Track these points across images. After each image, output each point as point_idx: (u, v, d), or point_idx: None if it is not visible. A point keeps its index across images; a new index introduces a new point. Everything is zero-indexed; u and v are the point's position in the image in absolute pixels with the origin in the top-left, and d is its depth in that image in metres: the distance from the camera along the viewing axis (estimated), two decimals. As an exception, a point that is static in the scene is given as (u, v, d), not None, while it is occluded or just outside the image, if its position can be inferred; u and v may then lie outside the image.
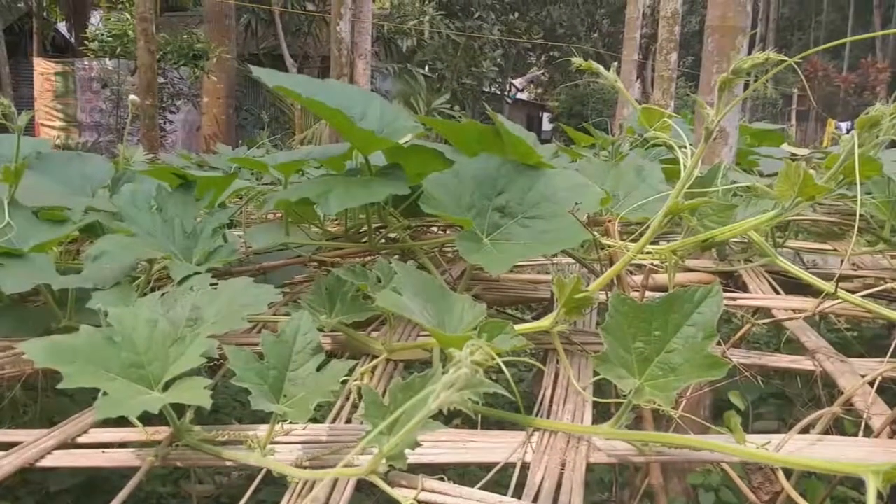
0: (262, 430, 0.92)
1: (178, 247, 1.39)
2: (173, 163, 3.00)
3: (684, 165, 0.93)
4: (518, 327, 1.03)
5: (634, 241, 1.51)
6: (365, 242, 1.58)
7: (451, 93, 14.38)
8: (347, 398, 1.04)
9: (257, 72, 1.45)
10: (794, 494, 0.82)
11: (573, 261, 1.44)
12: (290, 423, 0.88)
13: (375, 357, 1.17)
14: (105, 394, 0.84)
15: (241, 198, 2.35)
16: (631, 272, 1.39)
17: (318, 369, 0.89)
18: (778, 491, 0.99)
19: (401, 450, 0.68)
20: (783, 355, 1.26)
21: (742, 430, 0.81)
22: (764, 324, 1.20)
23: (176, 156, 3.54)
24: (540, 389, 1.10)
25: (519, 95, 22.85)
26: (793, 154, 3.26)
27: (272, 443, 0.91)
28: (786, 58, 0.84)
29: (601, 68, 1.35)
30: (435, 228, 1.76)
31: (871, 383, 1.06)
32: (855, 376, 1.13)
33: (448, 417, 0.84)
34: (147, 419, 0.91)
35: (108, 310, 0.97)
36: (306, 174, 2.36)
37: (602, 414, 1.03)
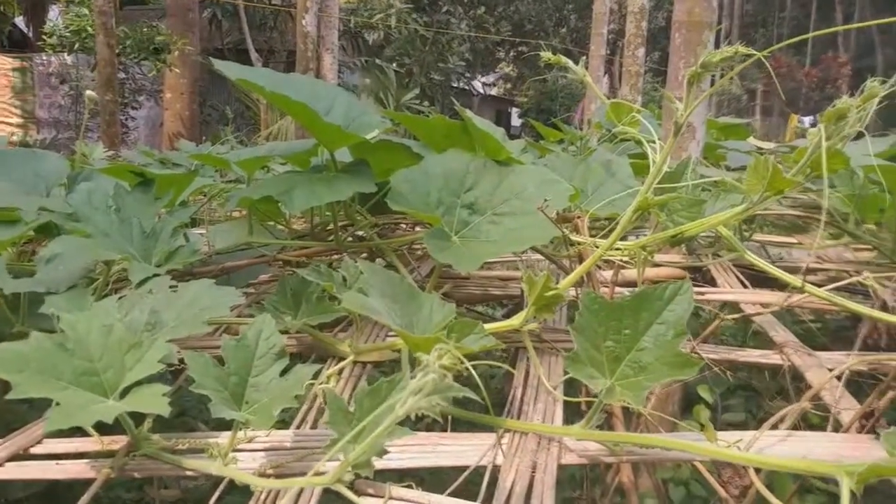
0: (225, 437, 0.89)
1: (137, 247, 1.34)
2: (134, 160, 2.93)
3: (653, 160, 0.92)
4: (488, 326, 1.01)
5: (604, 237, 1.50)
6: (331, 241, 1.54)
7: (419, 88, 14.30)
8: (313, 402, 1.02)
9: (219, 64, 1.41)
10: (764, 490, 0.82)
11: (543, 257, 1.43)
12: (254, 430, 0.85)
13: (342, 359, 1.15)
14: (57, 404, 0.80)
15: (203, 196, 2.30)
16: (601, 268, 1.38)
17: (282, 374, 0.87)
18: (747, 485, 0.99)
19: (367, 458, 0.66)
20: (752, 350, 1.27)
21: (712, 426, 0.81)
22: (733, 319, 1.20)
23: (137, 153, 3.45)
24: (511, 388, 1.08)
25: (488, 91, 22.86)
26: (759, 148, 3.30)
27: (235, 450, 0.88)
28: (754, 51, 0.84)
29: (570, 62, 1.34)
30: (403, 226, 1.74)
31: (839, 377, 1.06)
32: (822, 370, 1.13)
33: (418, 419, 0.82)
34: (106, 428, 0.88)
35: (61, 315, 0.92)
36: (272, 171, 2.32)
37: (574, 412, 1.02)
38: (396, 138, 1.61)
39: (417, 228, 1.71)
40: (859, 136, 1.01)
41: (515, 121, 24.69)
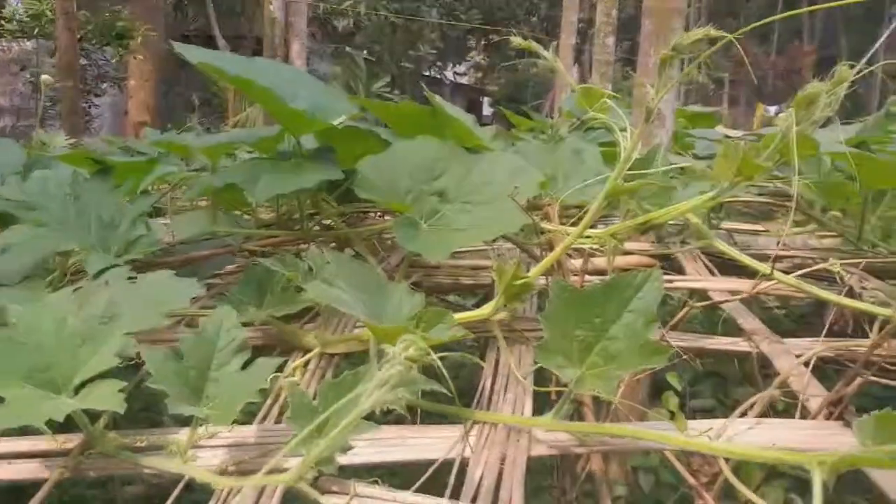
0: (185, 433, 0.86)
1: (95, 238, 1.29)
2: (97, 148, 2.84)
3: (623, 148, 0.91)
4: (457, 316, 1.00)
5: (575, 224, 1.49)
6: (298, 230, 1.51)
7: (390, 76, 14.17)
8: (278, 396, 0.99)
9: (180, 48, 1.36)
10: (734, 479, 0.82)
11: (514, 245, 1.41)
12: (214, 426, 0.82)
13: (309, 351, 1.12)
14: (4, 400, 0.76)
15: (168, 184, 2.24)
16: (571, 256, 1.37)
17: (244, 368, 0.84)
18: (717, 473, 0.99)
19: (331, 454, 0.63)
20: (720, 337, 1.27)
21: (682, 415, 0.80)
22: (701, 306, 1.20)
23: (100, 140, 3.36)
24: (482, 378, 1.07)
25: (460, 79, 22.79)
26: (726, 135, 3.32)
27: (196, 447, 0.85)
28: (725, 33, 0.83)
29: (540, 49, 1.32)
30: (373, 214, 1.71)
31: (806, 364, 1.07)
32: (790, 357, 1.14)
33: (385, 412, 0.80)
34: (61, 425, 0.84)
35: (10, 307, 0.88)
36: (238, 158, 2.26)
37: (546, 401, 1.01)
38: (364, 124, 1.58)
39: (387, 217, 1.68)
40: (827, 123, 1.01)
41: (487, 110, 24.66)
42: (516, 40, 1.35)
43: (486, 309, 1.01)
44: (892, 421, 0.49)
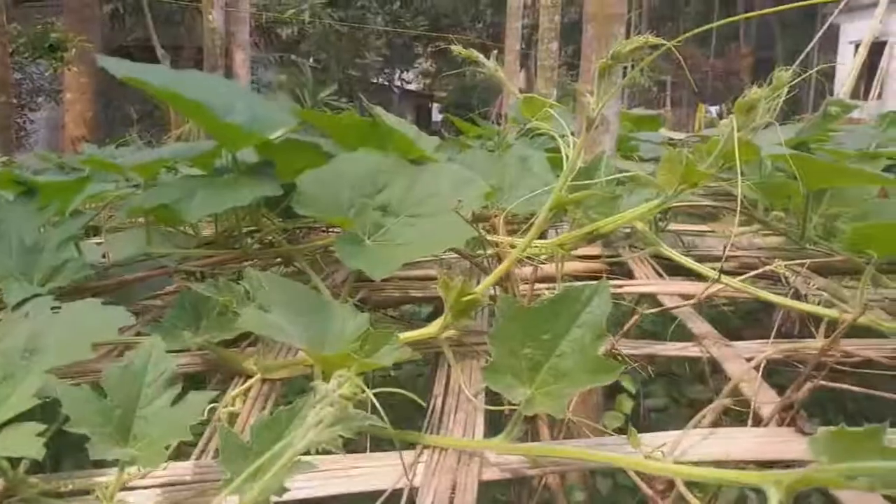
0: (115, 474, 0.80)
1: (16, 265, 1.21)
2: (30, 164, 2.71)
3: (566, 156, 0.89)
4: (404, 336, 0.96)
5: (524, 233, 1.47)
6: (239, 248, 1.45)
7: (337, 84, 14.04)
8: (216, 429, 0.93)
9: (104, 61, 1.29)
10: (687, 494, 0.80)
11: (462, 258, 1.38)
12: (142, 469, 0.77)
13: (250, 377, 1.07)
14: None
15: (103, 202, 2.14)
16: (521, 264, 1.34)
17: (175, 403, 0.78)
18: (673, 480, 0.97)
19: (266, 497, 0.59)
20: (671, 343, 1.26)
21: (636, 432, 0.78)
22: (651, 312, 1.19)
23: (34, 156, 3.21)
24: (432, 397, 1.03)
25: (408, 86, 22.76)
26: (670, 138, 3.37)
27: (126, 489, 0.79)
28: (664, 41, 0.81)
29: (481, 57, 1.30)
30: (317, 229, 1.66)
31: (757, 367, 1.06)
32: (740, 360, 1.14)
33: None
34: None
35: (-85, 347, 0.81)
36: (181, 173, 2.18)
37: (498, 420, 0.98)
38: (307, 136, 1.53)
39: (332, 232, 1.64)
40: (767, 124, 1.01)
41: (436, 116, 24.71)
42: (457, 48, 1.32)
43: (433, 327, 0.97)
44: (847, 437, 0.47)
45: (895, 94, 14.37)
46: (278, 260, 1.44)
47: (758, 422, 0.94)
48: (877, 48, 14.68)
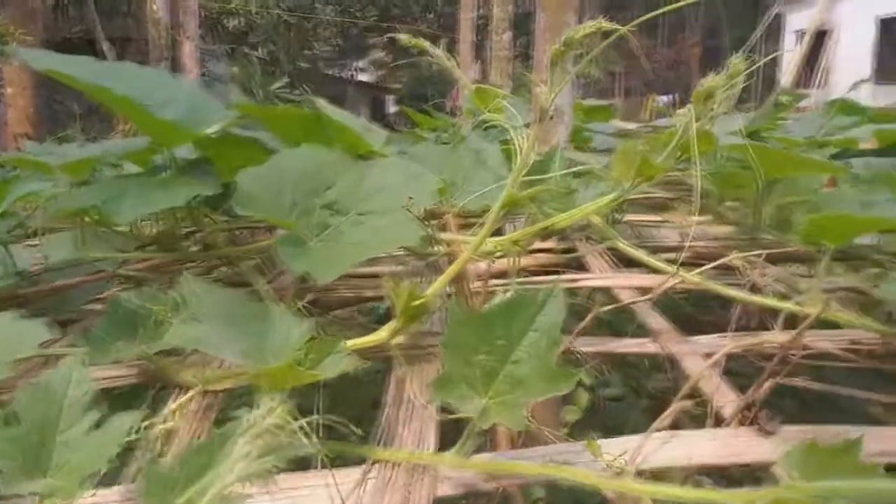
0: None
1: (-70, 274, 1.12)
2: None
3: (519, 150, 0.84)
4: (352, 343, 0.91)
5: (479, 230, 1.43)
6: (178, 251, 1.37)
7: (288, 76, 13.75)
8: (152, 447, 0.87)
9: (24, 54, 1.20)
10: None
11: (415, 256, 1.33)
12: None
13: (190, 389, 1.00)
14: None
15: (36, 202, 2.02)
16: (477, 261, 1.30)
17: (98, 426, 0.72)
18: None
19: (194, 534, 0.53)
20: (628, 339, 1.24)
21: (597, 442, 0.74)
22: (607, 310, 1.16)
23: (-31, 155, 3.05)
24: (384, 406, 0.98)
25: (362, 77, 22.49)
26: (622, 128, 3.37)
27: (49, 520, 0.72)
28: (618, 26, 0.77)
29: (431, 47, 1.24)
30: (262, 229, 1.59)
31: (716, 364, 1.04)
32: (698, 357, 1.12)
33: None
34: None
35: None
36: (125, 170, 2.07)
37: (456, 429, 0.94)
38: (251, 131, 1.46)
39: (279, 232, 1.57)
40: (724, 113, 0.98)
41: (392, 107, 24.50)
42: (405, 38, 1.26)
43: (383, 332, 0.92)
44: (821, 452, 0.44)
45: (840, 83, 14.80)
46: (221, 262, 1.37)
47: (719, 421, 0.92)
48: (820, 37, 15.09)
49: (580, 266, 1.81)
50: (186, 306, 0.93)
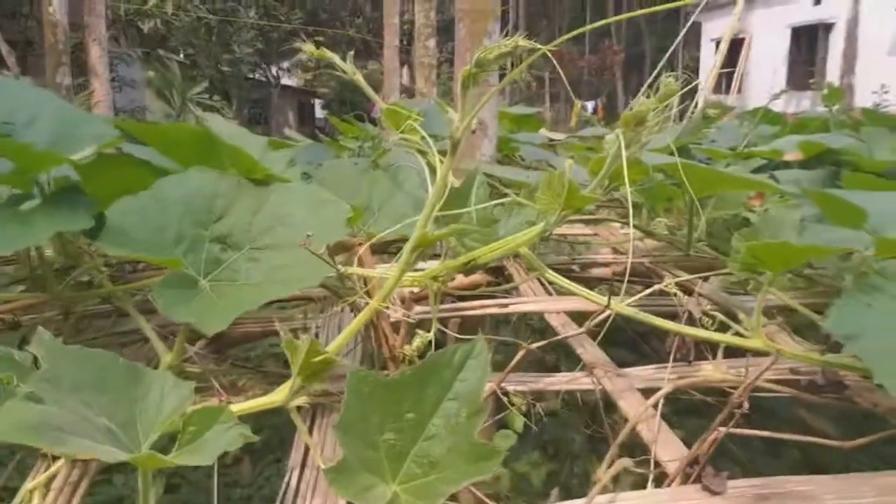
0: None
1: None
2: None
3: (432, 183, 0.73)
4: (240, 408, 0.77)
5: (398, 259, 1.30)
6: (52, 290, 1.19)
7: (208, 81, 13.21)
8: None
9: None
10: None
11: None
12: None
13: (57, 459, 0.84)
14: None
15: None
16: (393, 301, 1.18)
17: None
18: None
19: None
20: (560, 375, 1.14)
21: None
22: (538, 346, 1.06)
23: None
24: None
25: (287, 81, 21.97)
26: (550, 138, 3.32)
27: None
28: (538, 45, 0.67)
29: (335, 57, 1.12)
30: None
31: (655, 405, 0.96)
32: (635, 395, 1.03)
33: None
34: None
35: None
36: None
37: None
38: (141, 151, 1.29)
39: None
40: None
41: (319, 112, 24.06)
42: (308, 48, 1.14)
43: (279, 394, 0.79)
44: None
45: (755, 88, 15.42)
46: (101, 300, 1.20)
47: (661, 475, 0.83)
48: (736, 45, 15.70)
49: (509, 283, 1.72)
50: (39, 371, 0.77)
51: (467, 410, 0.62)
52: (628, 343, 2.06)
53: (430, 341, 0.93)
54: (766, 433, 0.80)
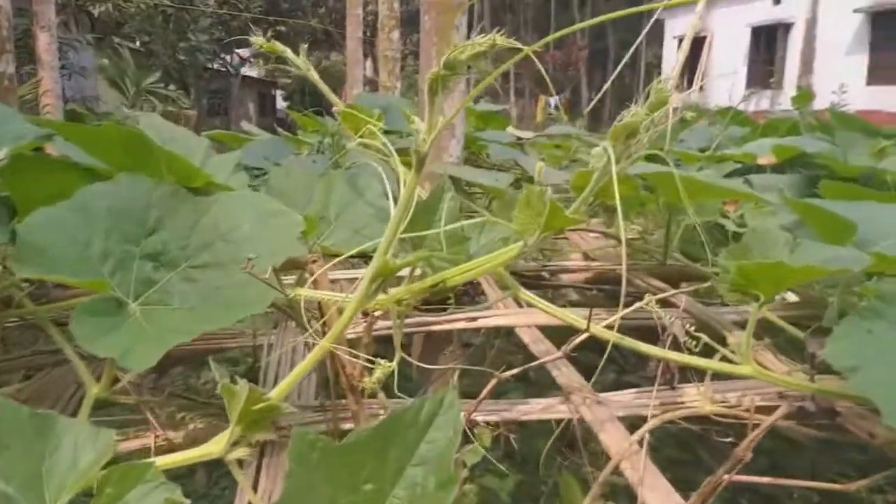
0: None
1: None
2: None
3: (395, 201, 0.63)
4: (164, 462, 0.66)
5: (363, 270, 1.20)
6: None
7: (163, 70, 12.76)
8: None
9: None
10: None
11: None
12: None
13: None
14: None
15: None
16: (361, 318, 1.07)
17: None
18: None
19: None
20: (535, 401, 1.06)
21: None
22: (511, 376, 0.97)
23: None
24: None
25: (249, 72, 21.48)
26: (518, 137, 3.24)
27: None
28: (518, 44, 0.57)
29: (287, 51, 1.01)
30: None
31: (640, 441, 0.87)
32: (616, 427, 0.95)
33: None
34: None
35: None
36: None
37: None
38: (73, 150, 1.15)
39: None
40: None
41: (281, 103, 23.64)
42: (258, 40, 1.02)
43: (216, 444, 0.68)
44: None
45: (715, 87, 15.62)
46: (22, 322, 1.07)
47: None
48: (698, 44, 15.87)
49: (477, 293, 1.62)
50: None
51: (436, 479, 0.52)
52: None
53: (392, 371, 0.83)
54: (767, 480, 0.73)
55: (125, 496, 0.61)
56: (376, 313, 0.91)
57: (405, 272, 0.91)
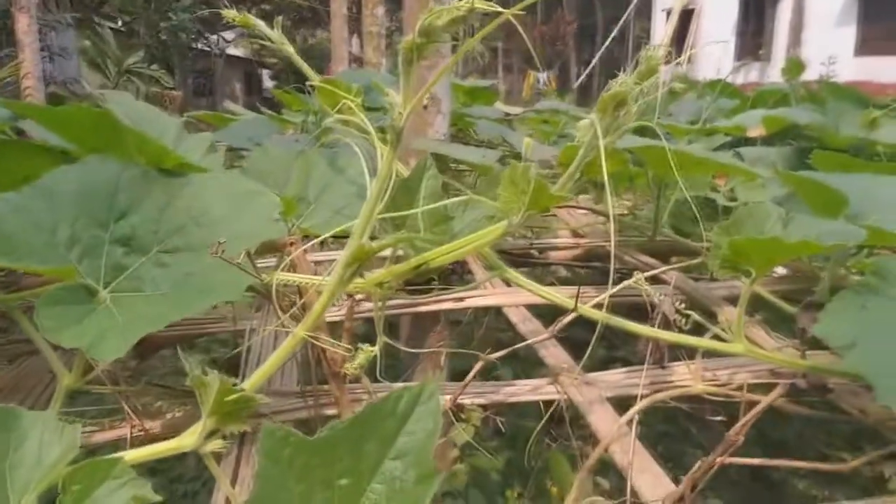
0: None
1: None
2: None
3: (370, 181, 0.59)
4: (133, 456, 0.63)
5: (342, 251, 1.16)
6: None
7: (146, 50, 12.52)
8: None
9: None
10: None
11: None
12: None
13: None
14: None
15: None
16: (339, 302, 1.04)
17: None
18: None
19: None
20: (522, 383, 1.03)
21: None
22: (496, 358, 0.94)
23: None
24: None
25: (234, 51, 21.18)
26: (506, 112, 3.20)
27: None
28: (498, 7, 0.54)
29: (261, 24, 0.97)
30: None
31: (629, 423, 0.85)
32: (606, 409, 0.93)
33: None
34: None
35: None
36: None
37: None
38: (51, 134, 1.10)
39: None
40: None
41: (268, 83, 23.34)
42: (230, 14, 0.98)
43: (188, 437, 0.65)
44: None
45: (705, 59, 15.52)
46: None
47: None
48: (686, 16, 15.74)
49: (464, 271, 1.60)
50: None
51: (415, 473, 0.49)
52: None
53: (375, 356, 0.81)
54: (758, 461, 0.71)
55: (93, 493, 0.59)
56: (358, 297, 0.88)
57: (387, 252, 0.88)
